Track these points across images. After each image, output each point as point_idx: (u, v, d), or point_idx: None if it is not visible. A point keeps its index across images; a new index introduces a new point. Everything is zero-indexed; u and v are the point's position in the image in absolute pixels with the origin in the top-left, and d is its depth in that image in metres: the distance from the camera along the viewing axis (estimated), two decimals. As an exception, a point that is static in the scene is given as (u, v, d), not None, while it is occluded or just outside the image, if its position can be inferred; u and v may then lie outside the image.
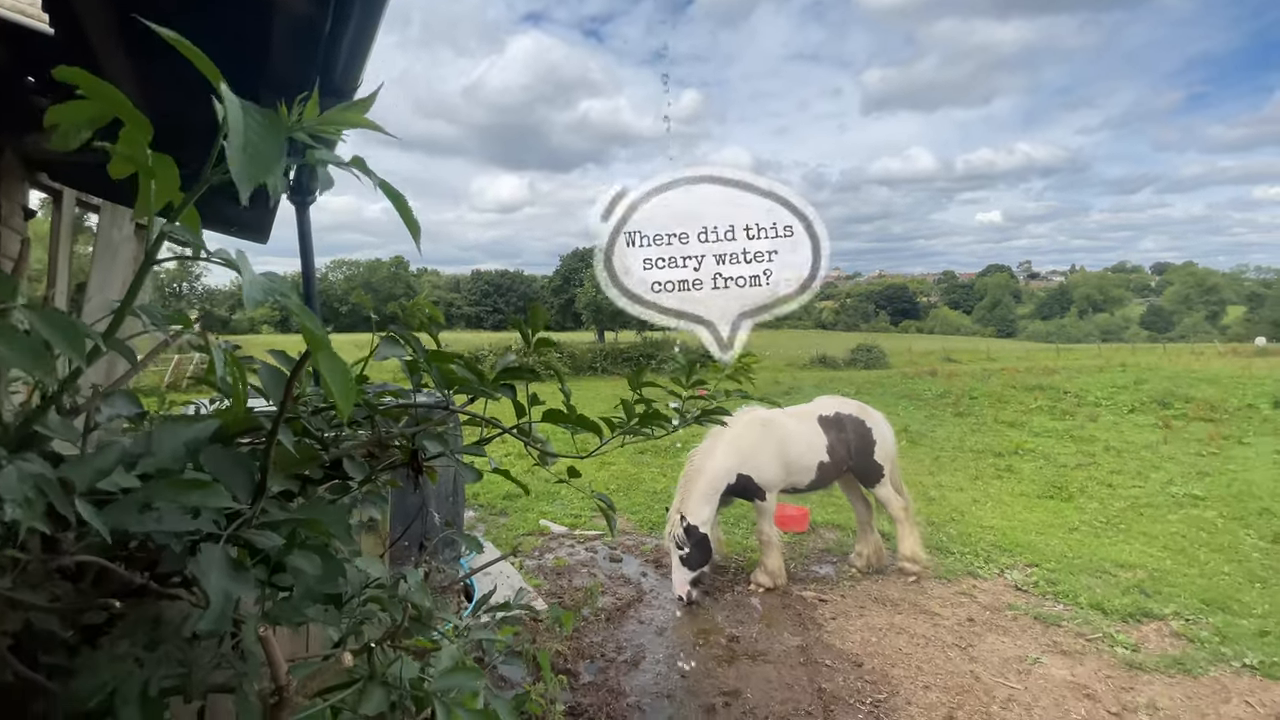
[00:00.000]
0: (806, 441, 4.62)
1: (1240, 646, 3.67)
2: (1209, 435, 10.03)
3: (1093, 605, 4.20)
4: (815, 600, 4.41)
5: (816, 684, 3.37)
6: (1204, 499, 6.65)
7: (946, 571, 4.84)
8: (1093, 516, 6.16)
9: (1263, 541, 5.42)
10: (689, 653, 3.77)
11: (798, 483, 4.63)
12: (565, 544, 5.71)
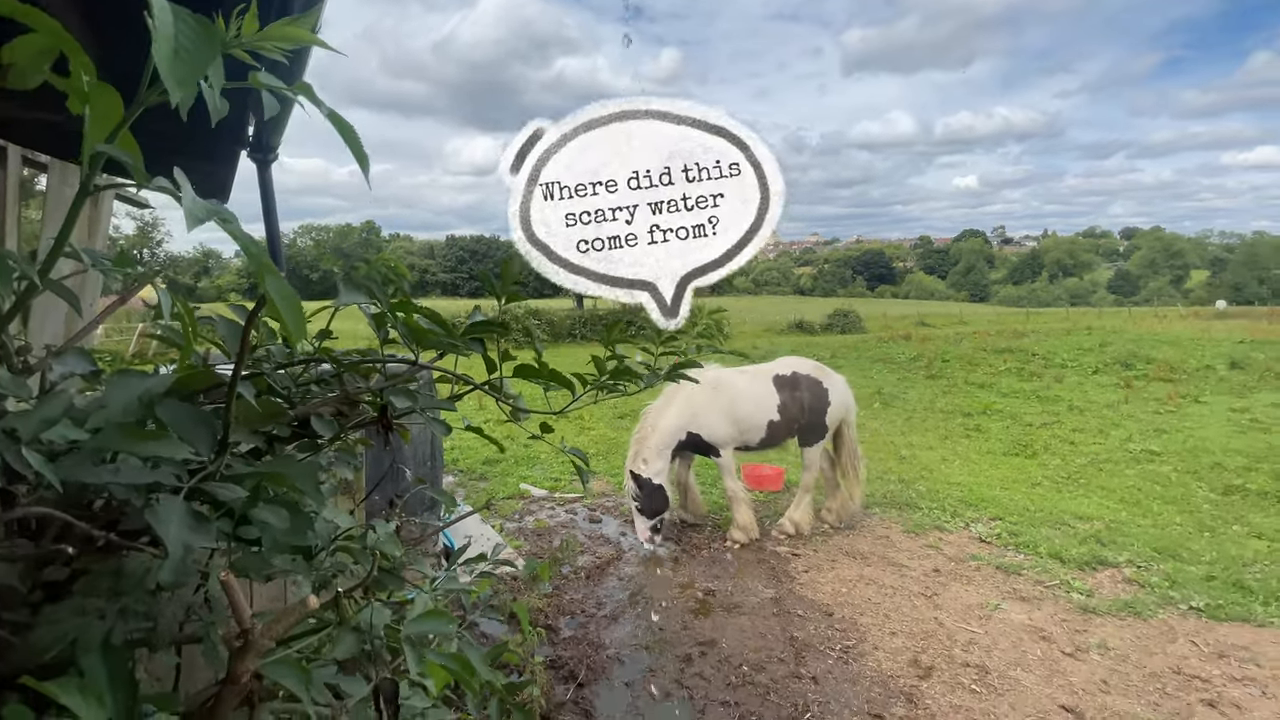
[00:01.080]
0: (757, 401, 4.70)
1: (1188, 591, 3.89)
2: (1168, 395, 10.41)
3: (1051, 555, 4.40)
4: (789, 555, 4.55)
5: (789, 633, 3.51)
6: (1160, 454, 6.95)
7: (915, 526, 5.01)
8: (1055, 472, 6.40)
9: (1213, 494, 5.70)
10: (667, 606, 3.88)
11: (749, 440, 4.73)
12: (545, 507, 5.78)
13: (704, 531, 5.03)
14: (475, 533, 5.16)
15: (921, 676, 3.09)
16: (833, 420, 4.80)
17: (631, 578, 4.30)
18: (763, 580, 4.18)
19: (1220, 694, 2.93)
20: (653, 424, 4.70)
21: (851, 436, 4.98)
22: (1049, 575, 4.12)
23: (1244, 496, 5.55)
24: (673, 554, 4.66)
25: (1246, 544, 4.55)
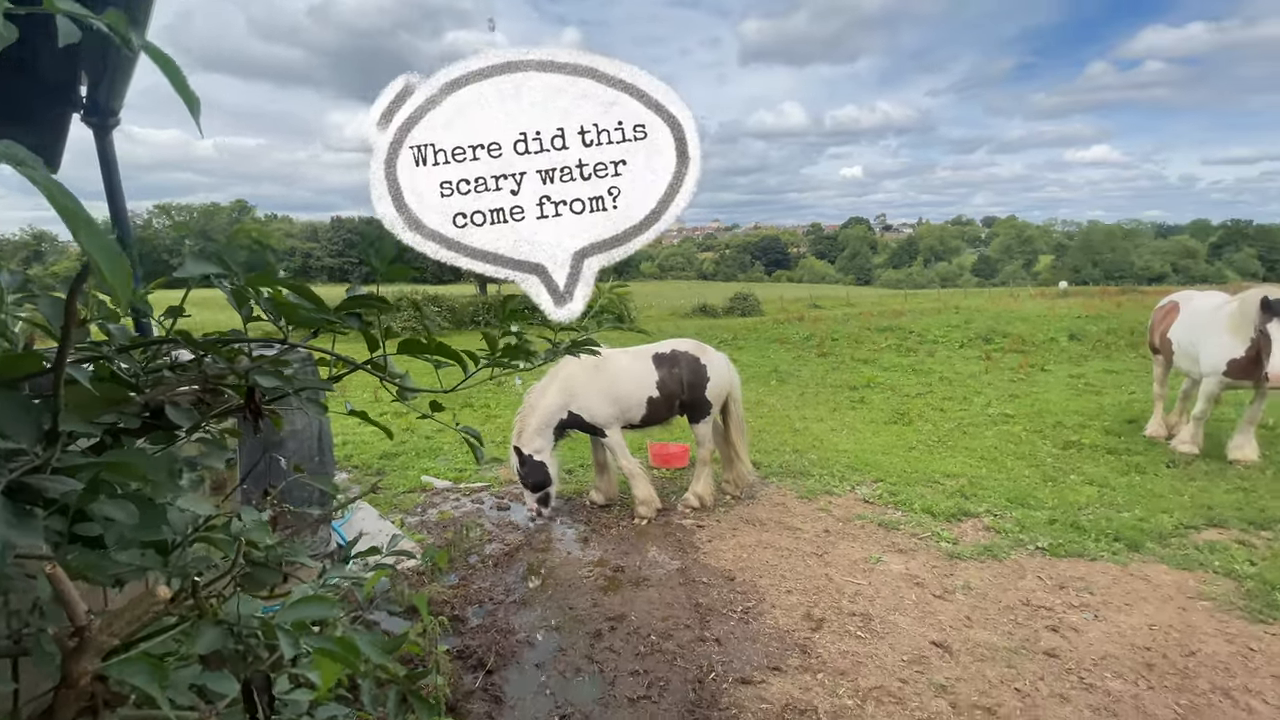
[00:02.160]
0: (636, 379, 4.83)
1: (1034, 533, 4.44)
2: (1020, 364, 11.76)
3: (924, 510, 4.87)
4: (694, 526, 4.72)
5: (694, 600, 3.65)
6: (1013, 416, 7.84)
7: (807, 492, 5.36)
8: (927, 436, 7.06)
9: (1055, 449, 6.52)
10: (577, 586, 3.91)
11: (631, 418, 4.87)
12: (450, 498, 5.61)
13: (614, 511, 5.10)
14: (372, 528, 4.92)
15: (814, 628, 3.33)
16: (714, 396, 4.97)
17: (541, 562, 4.29)
18: (669, 552, 4.31)
19: (1061, 620, 3.39)
20: (533, 403, 4.79)
21: (737, 412, 5.20)
22: (922, 528, 4.56)
23: (1079, 450, 6.40)
24: (583, 534, 4.69)
25: (1081, 490, 5.26)
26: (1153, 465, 5.80)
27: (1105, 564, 4.00)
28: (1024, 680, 2.87)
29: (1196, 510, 4.73)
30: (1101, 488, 5.29)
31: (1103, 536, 4.32)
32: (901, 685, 2.85)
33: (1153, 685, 2.84)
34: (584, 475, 5.86)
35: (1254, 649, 3.06)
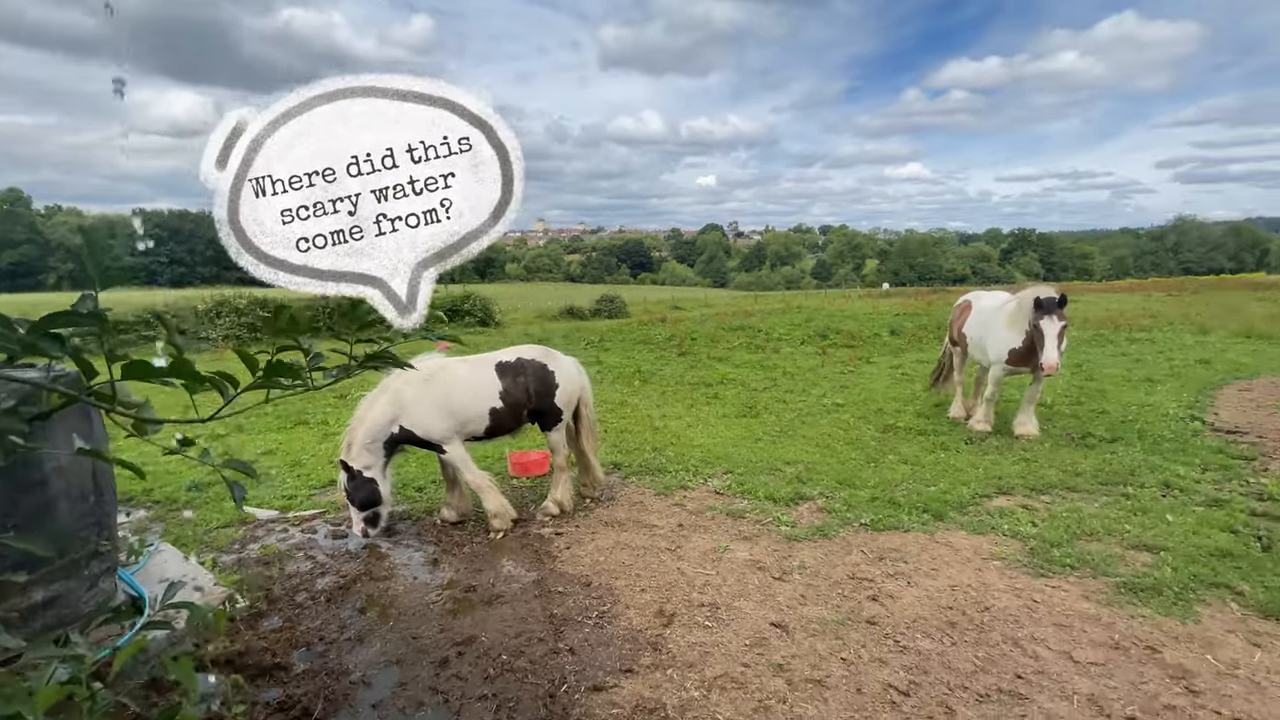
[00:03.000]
0: (475, 389, 4.64)
1: (859, 511, 4.91)
2: (849, 358, 13.08)
3: (767, 497, 5.19)
4: (552, 535, 4.62)
5: (549, 611, 3.56)
6: (844, 405, 8.68)
7: (664, 488, 5.50)
8: (771, 427, 7.57)
9: (877, 433, 7.29)
10: (422, 614, 3.64)
11: (474, 430, 4.68)
12: (276, 530, 4.99)
13: (467, 527, 4.85)
14: (176, 573, 4.24)
15: (665, 624, 3.39)
16: (564, 402, 4.90)
17: (383, 591, 3.95)
18: (526, 565, 4.18)
19: (880, 589, 3.76)
20: (362, 415, 4.50)
21: (589, 416, 5.17)
22: (765, 515, 4.86)
23: (896, 433, 7.22)
24: (432, 556, 4.40)
25: (897, 469, 5.92)
26: (955, 443, 6.69)
27: (917, 534, 4.52)
28: (849, 649, 3.14)
29: (989, 481, 5.52)
30: (914, 465, 6.00)
31: (914, 509, 4.89)
32: (744, 670, 2.98)
33: (955, 641, 3.23)
34: (435, 492, 5.52)
35: (1037, 600, 3.60)
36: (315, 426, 8.26)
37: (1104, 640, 3.18)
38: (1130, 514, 4.69)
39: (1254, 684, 2.82)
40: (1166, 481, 5.34)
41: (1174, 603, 3.49)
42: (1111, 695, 2.78)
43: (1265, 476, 5.43)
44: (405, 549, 4.54)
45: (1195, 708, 2.69)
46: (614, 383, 11.11)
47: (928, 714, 2.68)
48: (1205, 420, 7.43)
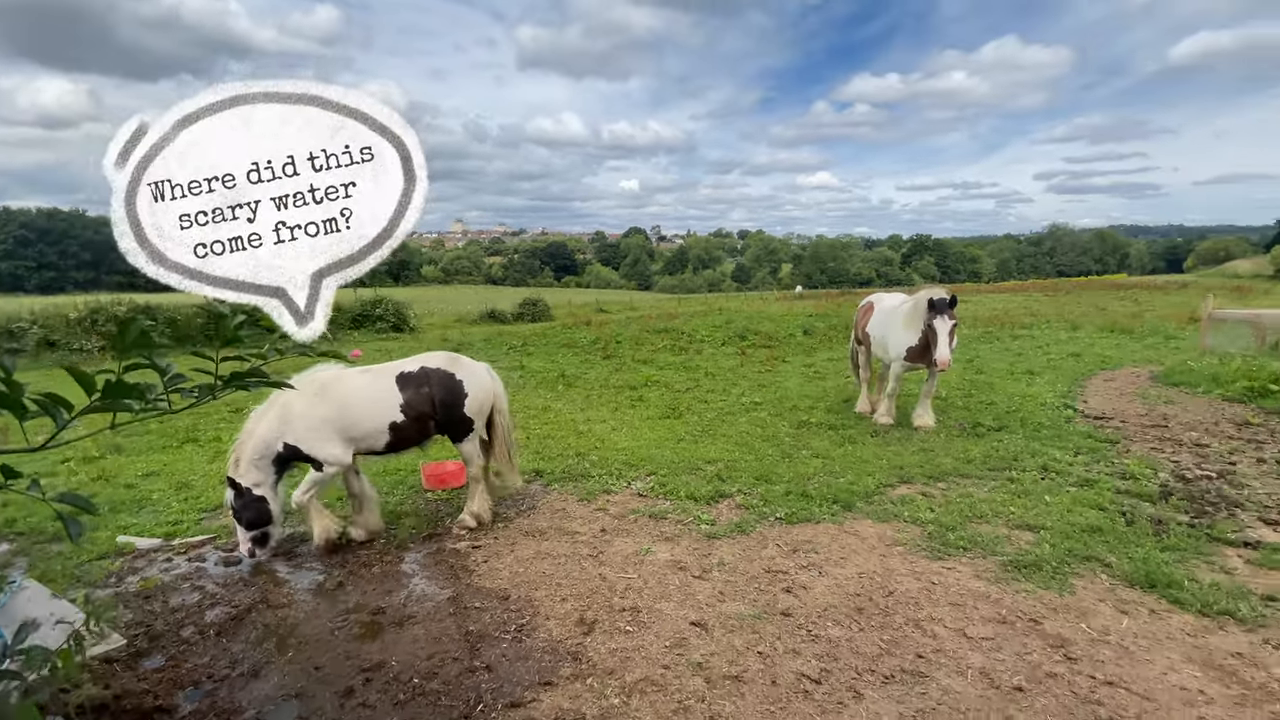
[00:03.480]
0: (372, 402, 4.39)
1: (775, 505, 5.06)
2: (767, 358, 13.53)
3: (689, 496, 5.26)
4: (469, 549, 4.46)
5: (465, 629, 3.43)
6: (762, 404, 8.95)
7: (587, 493, 5.44)
8: (694, 427, 7.69)
9: (792, 429, 7.57)
10: (325, 641, 3.41)
11: (373, 445, 4.45)
12: (159, 560, 4.54)
13: (376, 546, 4.59)
14: (43, 612, 3.75)
15: (586, 632, 3.35)
16: (475, 411, 4.69)
17: (281, 620, 3.67)
18: (440, 582, 4.01)
19: (794, 580, 3.88)
20: (250, 429, 4.23)
21: (503, 424, 4.97)
22: (686, 514, 4.92)
23: (809, 428, 7.53)
24: (337, 579, 4.13)
25: (810, 463, 6.15)
26: (861, 436, 7.05)
27: (827, 525, 4.71)
28: (765, 643, 3.22)
29: (892, 471, 5.85)
30: (825, 459, 6.26)
31: (825, 501, 5.10)
32: (664, 672, 2.99)
33: (863, 627, 3.38)
34: (342, 509, 5.19)
35: (935, 583, 3.83)
36: (206, 445, 7.59)
37: (993, 616, 3.44)
38: (1014, 496, 5.11)
39: (1123, 649, 3.13)
40: (1045, 465, 5.86)
41: (1052, 577, 3.82)
42: (1000, 667, 3.00)
43: (1127, 457, 6.08)
44: (306, 572, 4.25)
45: (1073, 674, 2.94)
46: (537, 388, 10.93)
47: (838, 700, 2.79)
48: (1077, 408, 8.24)
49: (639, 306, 36.81)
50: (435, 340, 19.07)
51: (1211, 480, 5.43)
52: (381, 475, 6.12)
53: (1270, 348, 10.07)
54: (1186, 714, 2.65)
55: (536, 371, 12.47)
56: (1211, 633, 3.23)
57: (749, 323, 18.69)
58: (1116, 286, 36.82)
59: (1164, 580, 3.68)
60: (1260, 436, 6.71)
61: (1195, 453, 6.24)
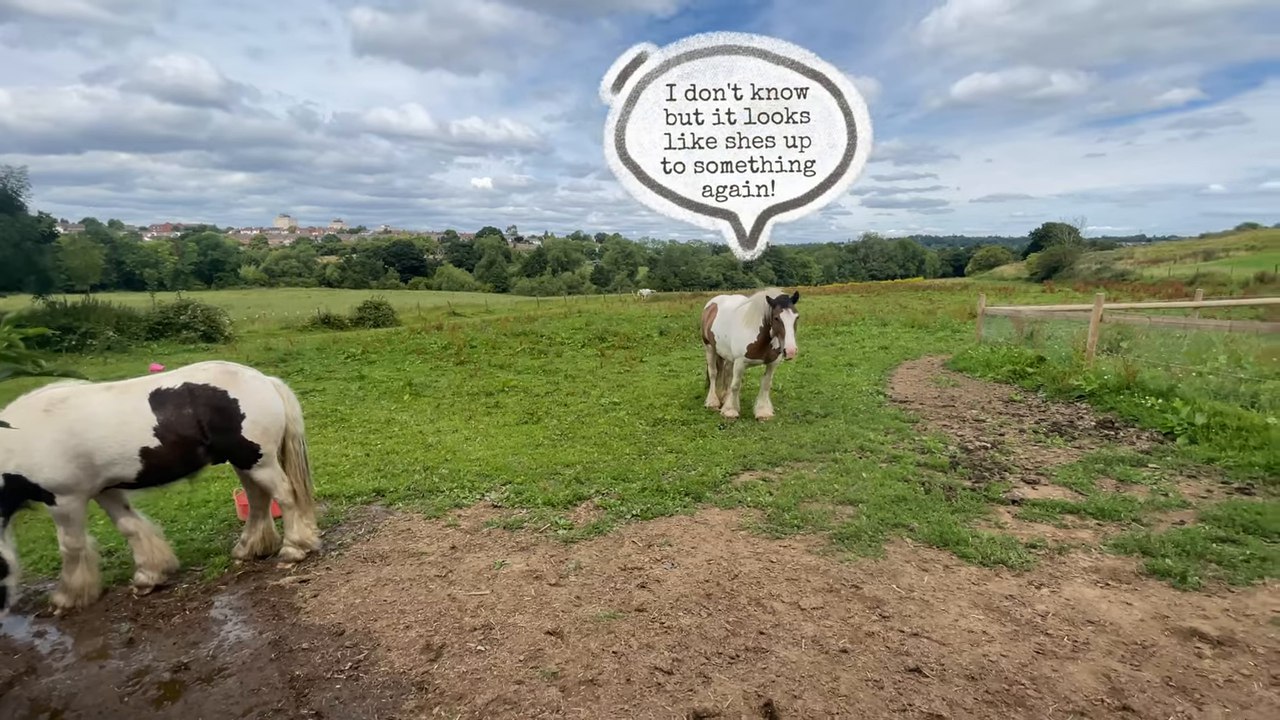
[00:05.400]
0: (117, 424, 3.69)
1: (631, 504, 5.15)
2: (626, 358, 13.81)
3: (546, 503, 5.18)
4: (295, 584, 3.99)
5: (289, 674, 3.05)
6: (620, 404, 9.10)
7: (435, 510, 5.14)
8: (553, 431, 7.61)
9: (649, 426, 7.78)
10: (110, 711, 2.85)
11: (122, 475, 3.75)
12: None
13: (175, 593, 3.94)
14: None
15: (433, 659, 3.15)
16: (260, 435, 4.02)
17: (51, 690, 3.01)
18: (259, 625, 3.53)
19: (649, 575, 3.97)
20: None
21: (296, 451, 4.31)
22: (544, 521, 4.83)
23: (664, 425, 7.79)
24: (126, 635, 3.49)
25: (664, 459, 6.36)
26: (711, 430, 7.44)
27: (680, 517, 4.89)
28: (620, 641, 3.25)
29: (737, 459, 6.23)
30: (678, 454, 6.52)
31: (678, 494, 5.30)
32: (518, 688, 2.90)
33: (711, 612, 3.54)
34: (128, 555, 4.39)
35: (774, 561, 4.12)
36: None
37: (822, 586, 3.79)
38: (838, 475, 5.69)
39: (925, 602, 3.59)
40: (862, 445, 6.60)
41: (869, 545, 4.30)
42: (829, 633, 3.31)
43: (925, 434, 7.04)
44: (86, 632, 3.53)
45: (886, 630, 3.33)
46: (379, 399, 10.15)
47: (688, 687, 2.89)
48: (886, 394, 9.41)
49: (496, 309, 35.78)
50: (256, 349, 16.96)
51: (987, 450, 6.48)
52: (184, 509, 5.29)
53: (1026, 337, 12.28)
54: (974, 653, 3.12)
55: (379, 381, 11.58)
56: (990, 580, 3.84)
57: (608, 324, 18.96)
58: (915, 288, 42.80)
59: (954, 539, 4.30)
60: (1021, 411, 8.15)
61: (975, 427, 7.41)
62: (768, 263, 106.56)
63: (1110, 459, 5.91)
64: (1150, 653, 3.07)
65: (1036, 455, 6.26)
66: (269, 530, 4.40)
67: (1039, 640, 3.22)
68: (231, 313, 24.93)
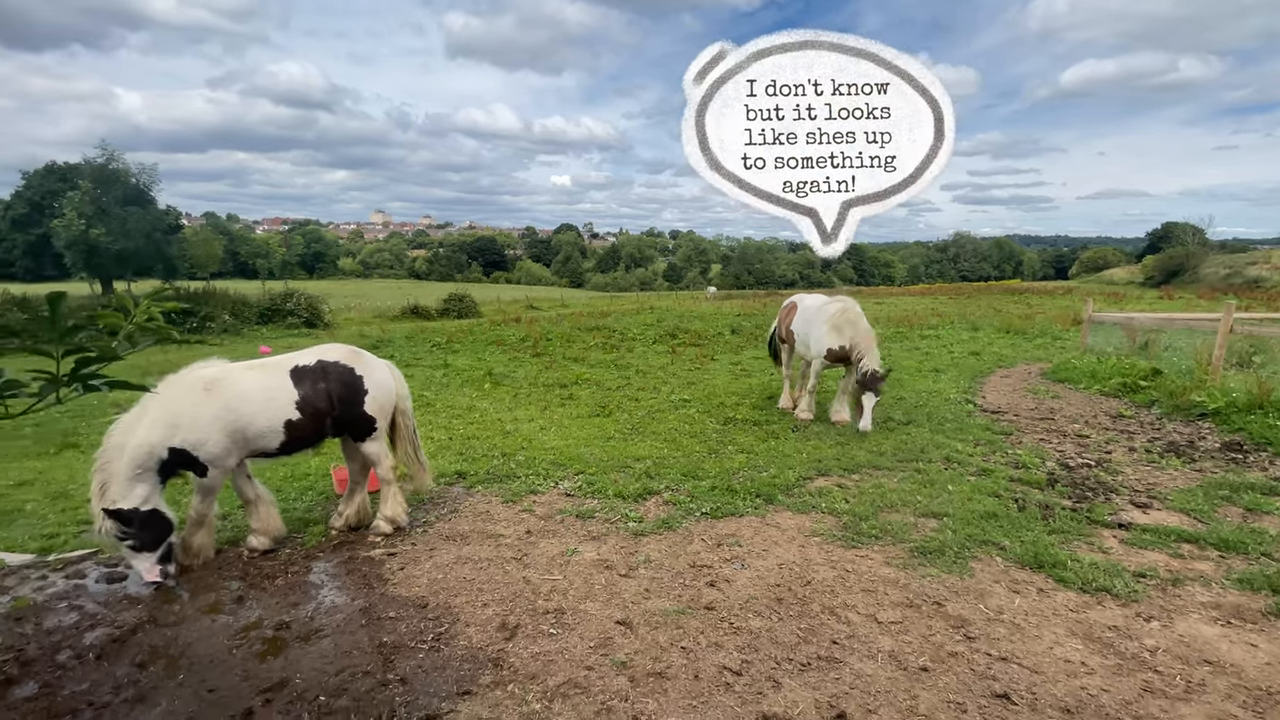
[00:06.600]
0: (265, 399, 4.09)
1: (701, 501, 5.13)
2: (696, 356, 13.75)
3: (617, 495, 5.25)
4: (384, 556, 4.25)
5: (378, 640, 3.26)
6: (690, 401, 9.08)
7: (512, 494, 5.32)
8: (624, 425, 7.70)
9: (719, 425, 7.72)
10: (221, 661, 3.15)
11: (266, 446, 4.14)
12: (32, 577, 4.06)
13: (279, 556, 4.29)
14: None
15: (508, 637, 3.27)
16: (378, 409, 4.45)
17: (172, 639, 3.36)
18: (351, 592, 3.79)
19: (718, 574, 3.94)
20: (119, 443, 3.77)
21: (406, 425, 4.74)
22: (614, 512, 4.90)
23: (735, 424, 7.70)
24: (236, 593, 3.83)
25: (735, 459, 6.29)
26: (783, 431, 7.28)
27: (751, 518, 4.82)
28: (689, 637, 3.25)
29: (811, 464, 6.07)
30: (749, 454, 6.43)
31: (749, 495, 5.23)
32: (587, 673, 2.96)
33: (782, 617, 3.48)
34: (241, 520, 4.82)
35: (849, 570, 3.99)
36: (88, 450, 6.84)
37: (901, 600, 3.63)
38: (921, 486, 5.42)
39: (1015, 626, 3.37)
40: (948, 456, 6.26)
41: (954, 561, 4.07)
42: (908, 649, 3.17)
43: (1019, 448, 6.59)
44: (201, 588, 3.91)
45: (972, 652, 3.15)
46: (462, 386, 10.61)
47: (757, 690, 2.85)
48: (976, 403, 8.87)
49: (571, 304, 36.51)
50: (352, 336, 18.15)
51: (1091, 468, 5.98)
52: (288, 481, 5.75)
53: (1140, 348, 11.23)
54: (1070, 684, 2.89)
55: (462, 370, 12.11)
56: (1091, 608, 3.55)
57: (680, 321, 18.94)
58: (1011, 291, 40.03)
59: (1050, 561, 4.01)
60: (1132, 428, 7.46)
61: (1077, 443, 6.86)
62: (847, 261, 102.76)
63: (1237, 485, 5.31)
64: (1277, 701, 2.74)
65: (1148, 477, 5.72)
66: (364, 504, 4.73)
67: (1146, 677, 2.95)
68: (331, 301, 26.78)
